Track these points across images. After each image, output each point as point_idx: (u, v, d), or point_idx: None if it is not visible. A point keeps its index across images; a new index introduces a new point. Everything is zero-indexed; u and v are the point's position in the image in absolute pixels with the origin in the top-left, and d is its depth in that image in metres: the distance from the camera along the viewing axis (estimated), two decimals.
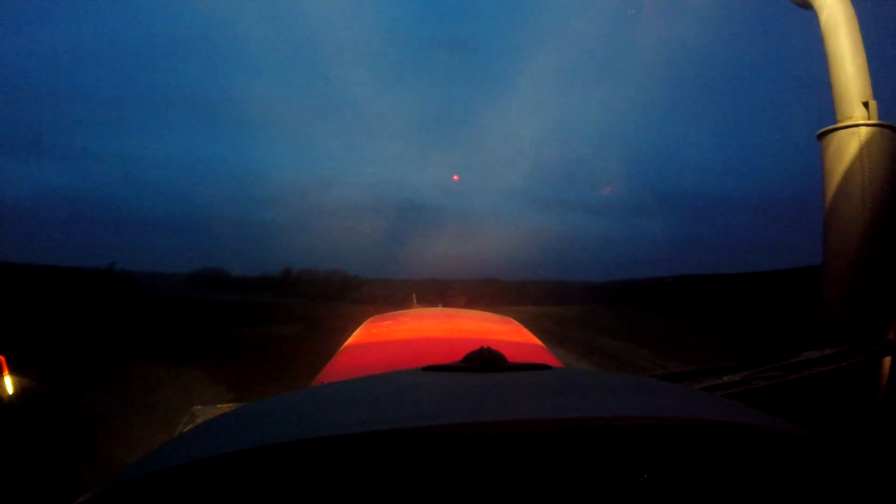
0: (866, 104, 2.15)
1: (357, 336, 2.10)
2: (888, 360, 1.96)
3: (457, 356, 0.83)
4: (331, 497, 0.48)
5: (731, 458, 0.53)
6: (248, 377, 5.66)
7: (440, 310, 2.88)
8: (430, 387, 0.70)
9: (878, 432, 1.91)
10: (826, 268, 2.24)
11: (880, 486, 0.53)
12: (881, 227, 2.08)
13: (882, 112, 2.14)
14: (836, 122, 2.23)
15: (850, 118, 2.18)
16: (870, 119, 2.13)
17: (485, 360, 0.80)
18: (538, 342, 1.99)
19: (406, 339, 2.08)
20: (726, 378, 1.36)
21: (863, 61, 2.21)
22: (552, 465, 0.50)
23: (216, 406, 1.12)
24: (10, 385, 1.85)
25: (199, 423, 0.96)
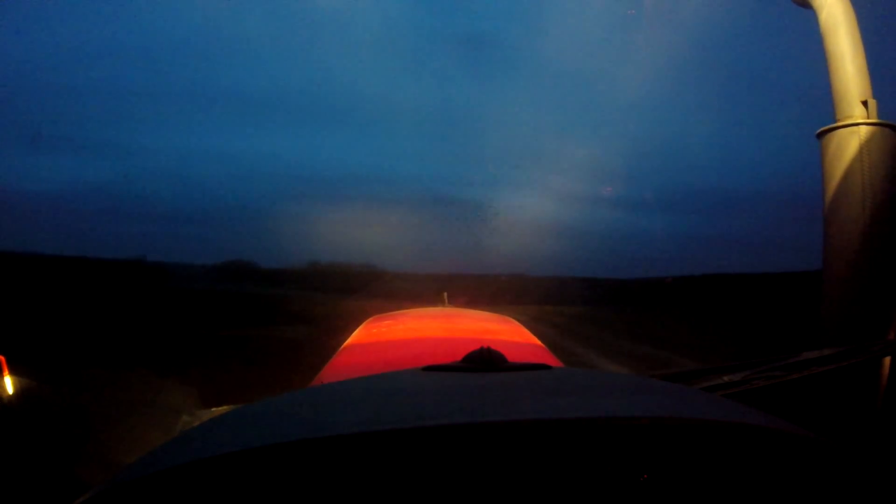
0: (866, 103, 2.15)
1: (357, 336, 2.10)
2: (888, 360, 1.96)
3: (457, 356, 0.83)
4: (331, 497, 0.48)
5: (731, 458, 0.53)
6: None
7: (440, 310, 2.87)
8: (430, 387, 0.70)
9: (878, 432, 1.91)
10: (826, 267, 2.24)
11: (880, 486, 0.53)
12: (881, 227, 2.08)
13: (882, 111, 2.14)
14: (835, 121, 2.24)
15: (850, 117, 2.18)
16: (869, 118, 2.13)
17: (485, 360, 0.80)
18: (538, 342, 2.00)
19: (406, 339, 2.08)
20: (726, 378, 1.37)
21: (863, 61, 2.22)
22: (552, 465, 0.50)
23: (214, 409, 1.12)
24: (10, 385, 1.85)
25: (198, 423, 0.96)
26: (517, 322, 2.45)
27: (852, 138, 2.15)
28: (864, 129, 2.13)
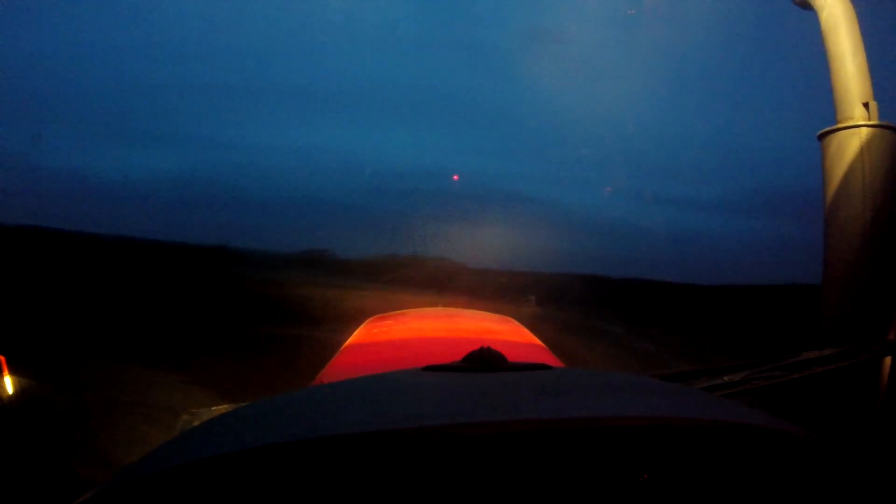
0: (867, 105, 2.15)
1: (357, 336, 2.10)
2: (888, 360, 1.96)
3: (457, 356, 0.83)
4: (331, 497, 0.48)
5: (732, 458, 0.53)
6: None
7: (440, 310, 2.88)
8: (430, 387, 0.70)
9: (878, 432, 1.91)
10: (826, 267, 2.24)
11: (880, 485, 0.53)
12: (881, 227, 2.08)
13: (882, 112, 2.14)
14: (836, 122, 2.24)
15: (851, 119, 2.18)
16: (870, 120, 2.13)
17: (485, 360, 0.80)
18: (538, 342, 2.00)
19: (406, 338, 2.08)
20: (726, 378, 1.36)
21: (863, 61, 2.21)
22: (552, 465, 0.50)
23: (214, 408, 1.12)
24: (10, 385, 1.85)
25: (198, 423, 0.96)
26: (517, 322, 2.46)
27: (853, 140, 2.15)
28: (865, 131, 2.13)
